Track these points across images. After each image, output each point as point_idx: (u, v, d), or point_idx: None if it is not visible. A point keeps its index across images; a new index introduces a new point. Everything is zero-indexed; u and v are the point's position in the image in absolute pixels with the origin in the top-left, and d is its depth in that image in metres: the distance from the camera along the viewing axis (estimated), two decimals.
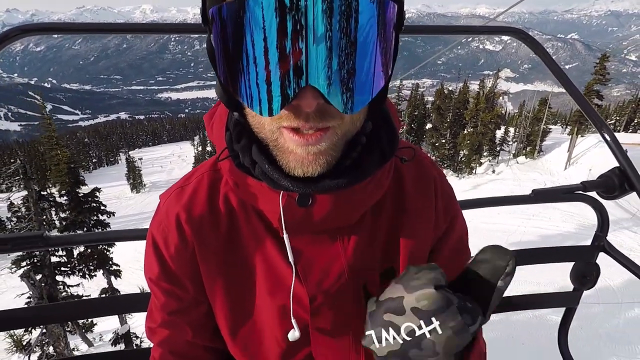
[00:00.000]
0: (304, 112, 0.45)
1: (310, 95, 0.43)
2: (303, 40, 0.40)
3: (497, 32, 1.37)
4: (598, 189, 1.28)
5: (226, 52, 0.45)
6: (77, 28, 1.06)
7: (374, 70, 0.45)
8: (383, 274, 0.65)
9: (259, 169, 0.55)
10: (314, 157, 0.49)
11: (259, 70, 0.43)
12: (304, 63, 0.41)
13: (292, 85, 0.42)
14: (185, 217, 0.63)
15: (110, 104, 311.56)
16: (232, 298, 0.65)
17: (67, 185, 12.64)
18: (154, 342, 0.71)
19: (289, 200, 0.58)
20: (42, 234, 1.03)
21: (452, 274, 0.76)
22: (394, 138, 0.59)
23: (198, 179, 0.66)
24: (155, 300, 0.69)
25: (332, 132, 0.49)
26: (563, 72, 1.30)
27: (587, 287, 1.38)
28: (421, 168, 0.72)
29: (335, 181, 0.53)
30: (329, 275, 0.62)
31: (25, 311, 1.18)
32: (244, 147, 0.55)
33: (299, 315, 0.62)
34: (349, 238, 0.63)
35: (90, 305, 1.20)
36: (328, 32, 0.40)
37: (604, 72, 25.49)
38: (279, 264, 0.62)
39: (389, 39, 0.46)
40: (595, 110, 1.30)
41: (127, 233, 1.16)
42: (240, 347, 0.68)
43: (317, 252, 0.62)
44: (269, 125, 0.50)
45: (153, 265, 0.66)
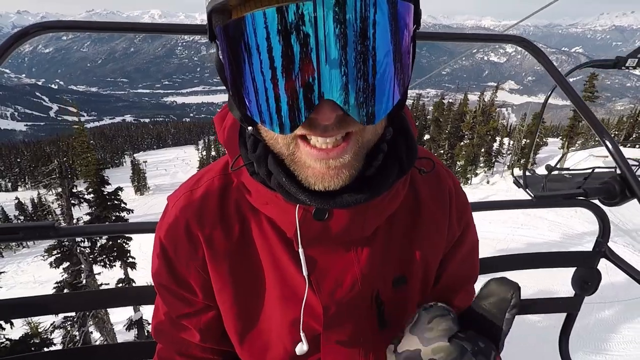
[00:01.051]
0: (321, 125, 0.43)
1: (328, 109, 0.41)
2: (316, 53, 0.38)
3: (501, 40, 1.41)
4: (599, 195, 1.29)
5: (238, 70, 0.43)
6: (96, 27, 1.10)
7: (394, 77, 0.43)
8: (394, 282, 0.65)
9: (274, 181, 0.53)
10: (336, 172, 0.47)
11: (274, 88, 0.41)
12: (318, 77, 0.39)
13: (308, 101, 0.40)
14: (196, 223, 0.61)
15: (116, 106, 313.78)
16: (241, 304, 0.64)
17: (94, 184, 13.88)
18: (160, 343, 0.71)
19: (305, 213, 0.56)
20: (53, 224, 1.06)
21: (461, 281, 0.77)
22: (412, 147, 0.57)
23: (208, 182, 0.64)
24: (163, 302, 0.68)
25: (354, 140, 0.47)
26: (565, 80, 1.32)
27: (588, 293, 1.39)
28: (437, 178, 0.70)
29: (354, 197, 0.51)
30: (343, 286, 0.61)
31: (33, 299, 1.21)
32: (260, 157, 0.53)
33: (309, 324, 0.61)
34: (363, 248, 0.62)
35: (100, 297, 1.22)
36: (341, 43, 0.38)
37: (593, 90, 27.54)
38: (292, 274, 0.61)
39: (406, 42, 0.44)
40: (597, 118, 1.32)
41: (134, 226, 1.20)
42: (248, 353, 0.67)
43: (330, 262, 0.61)
44: (283, 140, 0.48)
45: (161, 270, 0.64)
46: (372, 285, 0.63)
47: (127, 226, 1.20)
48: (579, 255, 1.39)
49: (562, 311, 1.48)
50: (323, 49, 0.38)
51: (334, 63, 0.38)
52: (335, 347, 0.64)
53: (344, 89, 0.40)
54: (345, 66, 0.39)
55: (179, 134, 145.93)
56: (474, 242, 0.77)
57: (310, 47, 0.38)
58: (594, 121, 1.29)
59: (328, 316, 0.61)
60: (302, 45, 0.38)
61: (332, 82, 0.39)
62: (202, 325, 0.68)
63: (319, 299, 0.60)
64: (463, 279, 0.78)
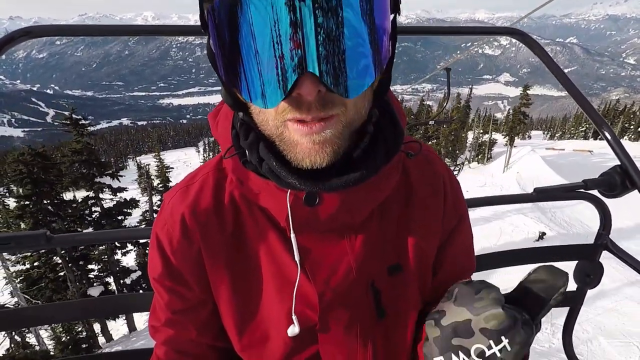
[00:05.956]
0: (306, 102, 0.45)
1: (310, 83, 0.43)
2: (298, 28, 0.40)
3: (496, 33, 1.38)
4: (600, 187, 1.28)
5: (224, 49, 0.45)
6: (87, 31, 1.07)
7: (373, 53, 0.45)
8: (390, 270, 0.65)
9: (266, 166, 0.54)
10: (320, 146, 0.49)
11: (257, 63, 0.43)
12: (301, 51, 0.41)
13: (290, 74, 0.42)
14: (191, 217, 0.63)
15: (112, 110, 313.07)
16: (238, 297, 0.64)
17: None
18: (158, 341, 0.71)
19: (295, 199, 0.57)
20: (45, 233, 1.02)
21: (458, 272, 0.76)
22: (398, 132, 0.58)
23: (203, 178, 0.66)
24: (159, 299, 0.68)
25: (336, 120, 0.48)
26: (562, 71, 1.30)
27: (590, 286, 1.38)
28: (429, 163, 0.71)
29: (342, 179, 0.53)
30: (337, 273, 0.62)
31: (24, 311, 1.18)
32: (252, 143, 0.55)
33: (306, 313, 0.62)
34: (356, 235, 0.63)
35: (92, 306, 1.20)
36: (321, 18, 0.40)
37: (528, 99, 34.39)
38: (286, 263, 0.62)
39: (385, 21, 0.46)
40: (595, 110, 1.31)
41: (132, 232, 1.16)
42: (246, 346, 0.67)
43: (324, 249, 0.62)
44: (273, 121, 0.50)
45: (157, 265, 0.65)
46: (367, 273, 0.63)
47: (124, 232, 1.16)
48: (580, 248, 1.38)
49: (564, 305, 1.47)
50: (306, 24, 0.40)
51: (315, 38, 0.41)
52: (332, 337, 0.64)
53: (324, 62, 0.42)
54: (325, 41, 0.41)
55: (178, 136, 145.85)
56: (470, 232, 0.77)
57: (292, 22, 0.40)
58: (592, 113, 1.27)
59: (323, 304, 0.62)
60: (285, 21, 0.40)
61: (314, 55, 0.41)
62: (199, 320, 0.68)
63: (313, 286, 0.61)
64: (461, 271, 0.78)
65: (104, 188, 14.91)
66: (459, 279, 0.78)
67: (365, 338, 0.65)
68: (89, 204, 14.78)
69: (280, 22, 0.40)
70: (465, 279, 0.75)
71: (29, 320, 1.16)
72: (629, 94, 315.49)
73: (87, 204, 14.75)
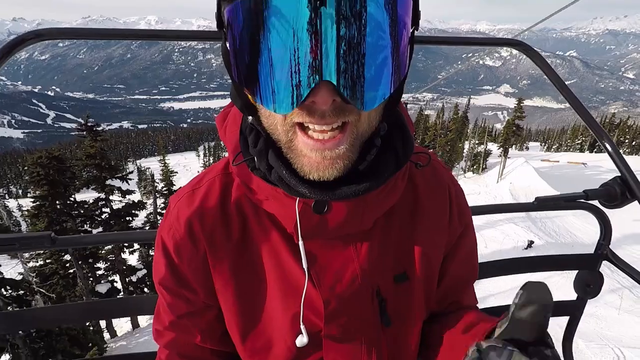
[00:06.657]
0: (319, 110, 0.44)
1: (326, 92, 0.42)
2: (319, 37, 0.40)
3: (500, 44, 1.41)
4: (600, 198, 1.29)
5: (241, 50, 0.44)
6: (93, 34, 1.09)
7: (390, 67, 0.45)
8: (396, 278, 0.65)
9: (275, 174, 0.54)
10: (331, 162, 0.48)
11: (275, 67, 0.42)
12: (320, 59, 0.40)
13: (307, 81, 0.41)
14: (197, 222, 0.62)
15: (113, 112, 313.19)
16: (243, 302, 0.64)
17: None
18: (161, 344, 0.71)
19: (304, 206, 0.57)
20: (50, 234, 1.03)
21: (463, 281, 0.77)
22: (408, 142, 0.58)
23: (209, 182, 0.65)
24: (164, 302, 0.68)
25: (349, 131, 0.48)
26: (564, 83, 1.32)
27: (590, 296, 1.38)
28: (435, 173, 0.71)
29: (352, 188, 0.52)
30: (342, 280, 0.61)
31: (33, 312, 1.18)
32: (261, 151, 0.54)
33: (310, 320, 0.62)
34: (362, 242, 0.62)
35: (96, 308, 1.20)
36: (343, 29, 0.40)
37: (522, 111, 35.98)
38: (292, 269, 0.61)
39: (404, 38, 0.46)
40: (596, 122, 1.33)
41: (134, 235, 1.17)
42: (250, 351, 0.67)
43: (330, 256, 0.61)
44: (282, 126, 0.49)
45: (163, 269, 0.65)
46: (372, 280, 0.63)
47: (128, 235, 1.17)
48: (580, 257, 1.38)
49: (564, 315, 1.47)
50: (327, 33, 0.39)
51: (336, 48, 0.40)
52: (337, 344, 0.64)
53: (343, 73, 0.41)
54: (346, 52, 0.40)
55: (178, 140, 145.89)
56: (474, 242, 0.77)
57: (314, 31, 0.39)
58: (592, 124, 1.29)
59: (329, 311, 0.61)
60: (307, 29, 0.39)
61: (333, 65, 0.41)
62: (203, 325, 0.68)
63: (319, 293, 0.61)
64: (465, 279, 0.78)
65: (114, 190, 15.29)
66: (462, 286, 0.78)
67: (370, 346, 0.64)
68: (99, 205, 15.20)
69: (303, 29, 0.40)
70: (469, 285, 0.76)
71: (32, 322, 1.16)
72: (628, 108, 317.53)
73: (97, 205, 15.17)
